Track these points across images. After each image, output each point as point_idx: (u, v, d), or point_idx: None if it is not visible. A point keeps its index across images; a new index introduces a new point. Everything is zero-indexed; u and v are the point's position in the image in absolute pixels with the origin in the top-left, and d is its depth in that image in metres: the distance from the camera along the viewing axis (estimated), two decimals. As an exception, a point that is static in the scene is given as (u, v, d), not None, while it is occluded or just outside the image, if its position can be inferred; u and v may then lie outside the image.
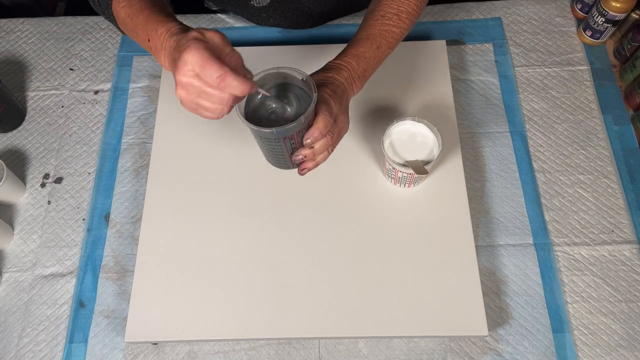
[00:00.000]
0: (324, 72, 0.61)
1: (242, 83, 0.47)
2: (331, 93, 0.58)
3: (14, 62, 0.96)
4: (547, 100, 0.87)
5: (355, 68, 0.62)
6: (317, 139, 0.56)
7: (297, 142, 0.56)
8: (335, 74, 0.61)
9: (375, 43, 0.64)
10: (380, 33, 0.65)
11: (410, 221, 0.73)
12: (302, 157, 0.57)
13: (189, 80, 0.47)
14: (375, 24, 0.65)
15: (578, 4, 0.93)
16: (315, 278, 0.70)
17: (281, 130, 0.52)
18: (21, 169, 0.85)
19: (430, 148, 0.70)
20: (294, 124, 0.52)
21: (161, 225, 0.74)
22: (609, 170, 0.81)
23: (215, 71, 0.46)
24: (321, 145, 0.57)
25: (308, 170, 0.59)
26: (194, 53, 0.46)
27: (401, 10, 0.66)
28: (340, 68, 0.62)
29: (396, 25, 0.65)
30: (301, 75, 0.56)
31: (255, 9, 0.86)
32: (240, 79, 0.47)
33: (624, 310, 0.72)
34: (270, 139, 0.55)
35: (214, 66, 0.46)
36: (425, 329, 0.67)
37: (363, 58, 0.63)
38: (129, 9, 0.61)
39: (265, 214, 0.75)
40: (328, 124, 0.55)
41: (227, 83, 0.46)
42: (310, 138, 0.55)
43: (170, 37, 0.54)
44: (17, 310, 0.75)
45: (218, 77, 0.46)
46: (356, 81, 0.63)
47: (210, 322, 0.68)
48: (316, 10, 0.88)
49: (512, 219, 0.78)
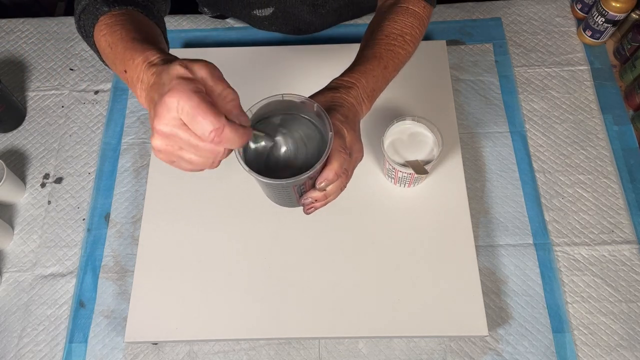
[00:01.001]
0: (331, 92, 0.53)
1: (242, 135, 0.39)
2: (343, 119, 0.51)
3: (14, 62, 0.96)
4: (547, 100, 0.87)
5: (364, 86, 0.56)
6: (332, 181, 0.48)
7: (308, 185, 0.49)
8: (344, 93, 0.54)
9: (382, 62, 0.58)
10: (387, 53, 0.59)
11: (410, 221, 0.73)
12: (311, 201, 0.50)
13: (173, 130, 0.38)
14: (381, 43, 0.60)
15: (578, 4, 0.93)
16: (315, 278, 0.70)
17: (293, 181, 0.45)
18: (21, 169, 0.85)
19: (430, 148, 0.70)
20: (307, 174, 0.45)
21: (161, 225, 0.74)
22: (609, 170, 0.81)
23: (210, 123, 0.37)
24: (335, 186, 0.50)
25: (315, 209, 0.52)
26: (181, 98, 0.37)
27: (405, 32, 0.61)
28: (349, 86, 0.55)
29: (401, 47, 0.60)
30: (312, 105, 0.48)
31: (258, 17, 0.87)
32: (239, 130, 0.39)
33: (624, 310, 0.72)
34: (276, 186, 0.48)
35: (209, 117, 0.37)
36: (425, 329, 0.67)
37: (372, 76, 0.57)
38: (110, 37, 0.50)
39: (265, 213, 0.75)
40: (343, 162, 0.48)
41: (224, 137, 0.38)
42: (325, 182, 0.48)
43: (148, 68, 0.43)
44: (17, 310, 0.75)
45: (213, 130, 0.37)
46: (365, 101, 0.56)
47: (210, 322, 0.68)
48: (318, 21, 0.88)
49: (512, 219, 0.78)
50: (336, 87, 0.54)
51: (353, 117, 0.53)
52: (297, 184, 0.47)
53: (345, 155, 0.48)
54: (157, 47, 0.46)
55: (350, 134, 0.50)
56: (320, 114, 0.48)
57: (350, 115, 0.52)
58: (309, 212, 0.52)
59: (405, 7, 0.62)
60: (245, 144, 0.41)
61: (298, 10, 0.84)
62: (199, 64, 0.40)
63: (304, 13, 0.84)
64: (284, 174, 0.46)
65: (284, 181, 0.45)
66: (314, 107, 0.48)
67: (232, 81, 0.89)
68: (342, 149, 0.48)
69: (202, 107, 0.37)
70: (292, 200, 0.51)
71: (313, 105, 0.48)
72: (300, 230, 0.73)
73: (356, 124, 0.53)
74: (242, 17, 0.89)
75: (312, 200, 0.50)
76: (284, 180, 0.44)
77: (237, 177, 0.77)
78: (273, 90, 0.83)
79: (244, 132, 0.39)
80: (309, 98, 0.50)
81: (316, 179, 0.48)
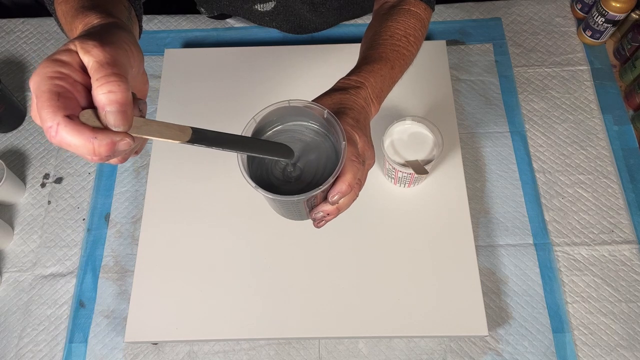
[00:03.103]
0: (339, 94, 0.50)
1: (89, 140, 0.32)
2: (354, 124, 0.47)
3: (14, 62, 0.96)
4: (547, 100, 0.87)
5: (373, 86, 0.53)
6: (345, 194, 0.45)
7: (319, 199, 0.46)
8: (354, 94, 0.51)
9: (389, 63, 0.56)
10: (393, 53, 0.57)
11: (410, 221, 0.73)
12: (322, 215, 0.47)
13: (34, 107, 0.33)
14: (386, 44, 0.58)
15: (578, 4, 0.93)
16: (315, 278, 0.70)
17: (304, 197, 0.42)
18: (21, 169, 0.85)
19: (430, 148, 0.70)
20: (320, 189, 0.42)
21: (161, 225, 0.74)
22: (609, 170, 0.81)
23: (43, 119, 0.31)
24: (348, 199, 0.46)
25: (326, 222, 0.48)
26: (33, 81, 0.32)
27: (409, 33, 0.60)
28: (358, 87, 0.52)
29: (405, 48, 0.59)
30: (322, 111, 0.45)
31: (259, 13, 0.87)
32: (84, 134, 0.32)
33: (624, 310, 0.72)
34: (286, 202, 0.44)
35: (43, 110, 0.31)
36: (425, 329, 0.67)
37: (380, 76, 0.54)
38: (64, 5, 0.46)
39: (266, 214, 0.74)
40: (357, 172, 0.45)
41: (61, 138, 0.32)
42: (338, 195, 0.44)
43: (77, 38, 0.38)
44: (17, 310, 0.75)
45: (48, 128, 0.31)
46: (374, 101, 0.53)
47: (210, 322, 0.68)
48: (318, 20, 0.88)
49: (512, 219, 0.78)
50: (344, 87, 0.52)
51: (364, 120, 0.50)
52: (308, 199, 0.44)
53: (359, 164, 0.45)
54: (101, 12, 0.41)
55: (362, 139, 0.47)
56: (330, 121, 0.44)
57: (361, 119, 0.49)
58: (320, 226, 0.49)
59: (407, 8, 0.62)
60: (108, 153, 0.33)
61: (299, 7, 0.84)
62: (92, 44, 0.33)
63: (304, 11, 0.84)
64: (293, 188, 0.43)
65: (295, 197, 0.42)
66: (323, 114, 0.45)
67: (232, 81, 0.88)
68: (355, 158, 0.45)
69: (43, 97, 0.31)
70: (302, 214, 0.48)
71: (323, 111, 0.44)
72: (301, 230, 0.73)
73: (367, 127, 0.50)
74: (242, 12, 0.89)
75: (324, 214, 0.47)
76: (295, 197, 0.41)
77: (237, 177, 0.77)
78: (273, 90, 0.84)
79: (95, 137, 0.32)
80: (316, 101, 0.47)
81: (328, 192, 0.45)
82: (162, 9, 1.00)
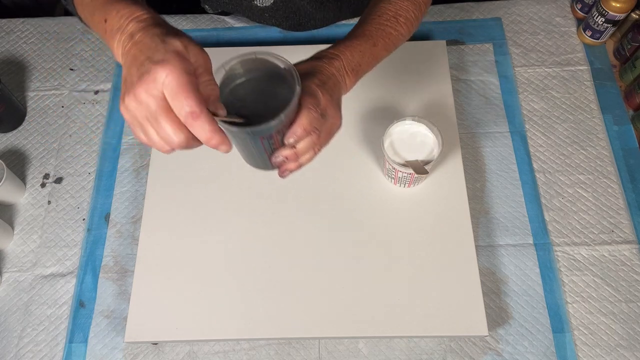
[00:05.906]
0: (313, 61, 0.55)
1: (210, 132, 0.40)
2: (319, 83, 0.51)
3: (14, 62, 0.96)
4: (547, 100, 0.87)
5: (349, 58, 0.56)
6: (301, 137, 0.48)
7: (277, 141, 0.49)
8: (326, 63, 0.54)
9: (371, 40, 0.59)
10: (377, 32, 0.60)
11: (410, 221, 0.73)
12: (282, 159, 0.49)
13: (148, 99, 0.39)
14: (372, 22, 0.61)
15: (578, 4, 0.93)
16: (315, 278, 0.70)
17: (256, 130, 0.44)
18: (21, 169, 0.85)
19: (430, 148, 0.70)
20: (271, 123, 0.44)
21: (161, 225, 0.74)
22: (609, 170, 0.81)
23: (189, 106, 0.38)
24: (305, 144, 0.49)
25: (290, 172, 0.51)
26: (172, 72, 0.38)
27: (399, 14, 0.62)
28: (333, 57, 0.55)
29: (393, 27, 0.61)
30: (283, 63, 0.48)
31: (258, 8, 0.86)
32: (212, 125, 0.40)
33: (624, 310, 0.72)
34: (244, 138, 0.47)
35: (191, 99, 0.38)
36: (425, 329, 0.67)
37: (358, 51, 0.57)
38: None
39: (266, 214, 0.75)
40: (313, 119, 0.48)
41: (198, 123, 0.39)
42: (293, 137, 0.47)
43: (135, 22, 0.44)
44: (17, 310, 0.75)
45: (190, 112, 0.38)
46: (350, 74, 0.56)
47: (210, 322, 0.68)
48: (318, 15, 0.88)
49: (512, 219, 0.78)
50: (319, 57, 0.55)
51: (332, 85, 0.53)
52: (265, 136, 0.46)
53: (316, 113, 0.48)
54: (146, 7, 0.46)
55: (326, 97, 0.50)
56: (289, 70, 0.47)
57: (329, 83, 0.52)
58: (284, 175, 0.52)
59: None
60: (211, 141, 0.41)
61: (299, 1, 0.83)
62: (198, 50, 0.42)
63: (305, 3, 0.84)
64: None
65: (248, 129, 0.44)
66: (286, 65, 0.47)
67: (232, 81, 0.82)
68: (312, 107, 0.48)
69: (189, 87, 0.38)
70: (264, 158, 0.50)
71: (284, 63, 0.47)
72: (301, 230, 0.73)
73: (334, 92, 0.53)
74: (241, 9, 0.89)
75: (283, 158, 0.49)
76: (247, 128, 0.44)
77: (237, 178, 0.77)
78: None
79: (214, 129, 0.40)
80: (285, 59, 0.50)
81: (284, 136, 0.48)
82: (162, 8, 1.00)
